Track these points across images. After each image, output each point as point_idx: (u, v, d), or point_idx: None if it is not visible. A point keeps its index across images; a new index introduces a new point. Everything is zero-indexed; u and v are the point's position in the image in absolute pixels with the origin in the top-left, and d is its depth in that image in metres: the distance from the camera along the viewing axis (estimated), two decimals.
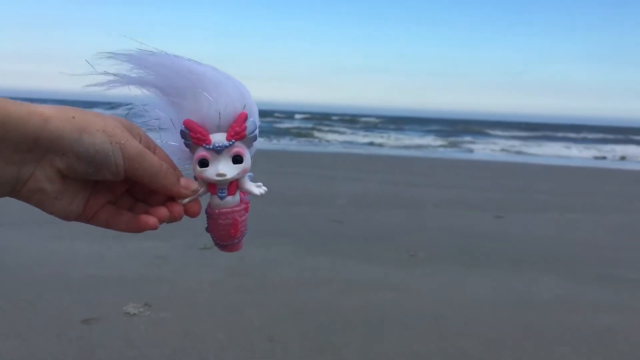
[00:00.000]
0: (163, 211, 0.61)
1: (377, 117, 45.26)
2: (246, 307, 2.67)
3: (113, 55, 0.60)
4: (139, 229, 0.60)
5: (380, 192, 6.55)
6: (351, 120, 36.03)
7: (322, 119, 35.61)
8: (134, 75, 0.62)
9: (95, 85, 0.62)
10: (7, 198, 0.55)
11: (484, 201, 6.22)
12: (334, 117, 38.41)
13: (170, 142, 0.64)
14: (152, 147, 0.59)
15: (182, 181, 0.61)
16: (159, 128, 0.65)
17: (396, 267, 3.46)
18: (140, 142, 0.58)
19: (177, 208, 0.62)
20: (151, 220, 0.60)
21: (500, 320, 2.70)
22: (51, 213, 0.56)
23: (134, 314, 2.50)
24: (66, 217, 0.58)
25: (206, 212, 0.65)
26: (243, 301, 2.76)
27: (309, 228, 4.39)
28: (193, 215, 0.64)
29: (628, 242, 4.53)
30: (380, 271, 3.37)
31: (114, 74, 0.62)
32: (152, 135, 0.63)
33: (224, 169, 0.61)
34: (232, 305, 2.69)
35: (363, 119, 36.32)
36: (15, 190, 0.53)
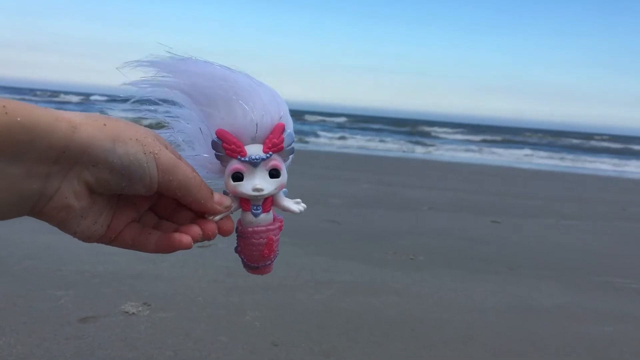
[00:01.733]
0: (196, 229, 0.56)
1: (351, 116, 45.27)
2: (247, 308, 2.62)
3: (140, 64, 0.55)
4: (171, 248, 0.55)
5: (374, 193, 6.51)
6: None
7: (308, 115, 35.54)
8: (163, 81, 0.56)
9: (125, 97, 0.56)
10: None
11: (479, 205, 6.21)
12: (324, 115, 38.38)
13: (197, 154, 0.59)
14: (178, 158, 0.54)
15: (216, 196, 0.56)
16: (185, 140, 0.60)
17: (395, 270, 3.42)
18: None
19: (211, 226, 0.57)
20: (185, 238, 0.54)
21: (503, 326, 2.67)
22: (74, 233, 0.50)
23: (133, 313, 2.44)
24: (89, 238, 0.52)
25: (237, 230, 0.59)
26: (243, 302, 2.70)
27: (304, 228, 4.34)
28: (226, 233, 0.58)
29: (626, 250, 4.53)
30: (380, 273, 3.33)
31: (140, 81, 0.56)
32: (175, 147, 0.57)
33: (261, 183, 0.56)
34: (232, 306, 2.64)
35: (337, 119, 36.24)
36: (37, 207, 0.47)
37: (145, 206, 0.57)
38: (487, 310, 2.86)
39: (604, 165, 16.81)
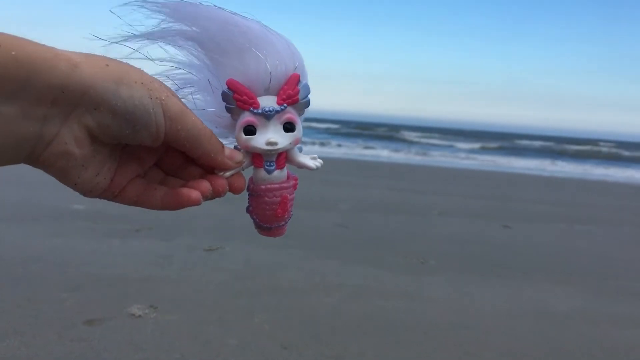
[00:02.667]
0: (205, 185, 0.51)
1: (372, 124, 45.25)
2: (256, 311, 2.56)
3: (144, 4, 0.50)
4: (178, 204, 0.49)
5: (384, 198, 6.45)
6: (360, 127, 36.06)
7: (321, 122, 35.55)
8: (168, 28, 0.51)
9: (121, 40, 0.50)
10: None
11: (489, 210, 6.13)
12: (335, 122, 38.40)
13: (205, 107, 0.54)
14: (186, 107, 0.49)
15: (227, 150, 0.51)
16: (193, 92, 0.55)
17: (407, 274, 3.36)
18: None
19: (221, 181, 0.51)
20: (194, 194, 0.49)
21: (520, 331, 2.59)
22: (74, 185, 0.45)
23: (139, 316, 2.39)
24: (91, 192, 0.46)
25: (248, 189, 0.54)
26: (252, 305, 2.65)
27: (314, 231, 4.28)
28: (237, 190, 0.53)
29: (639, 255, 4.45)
30: (391, 277, 3.27)
31: (147, 31, 0.51)
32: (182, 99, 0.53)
33: (275, 137, 0.52)
34: (241, 309, 2.58)
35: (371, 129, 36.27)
36: (35, 153, 0.42)
37: (150, 160, 0.52)
38: (502, 314, 2.79)
39: (611, 171, 16.66)
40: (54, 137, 0.42)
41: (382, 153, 17.71)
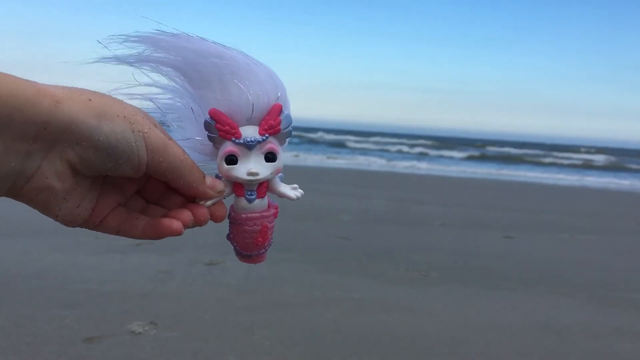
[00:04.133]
0: (186, 214, 0.51)
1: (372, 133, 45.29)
2: (256, 327, 2.55)
3: (127, 38, 0.50)
4: (159, 234, 0.50)
5: (385, 208, 6.44)
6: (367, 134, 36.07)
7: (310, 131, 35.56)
8: (151, 55, 0.51)
9: (108, 60, 0.51)
10: (3, 205, 0.44)
11: (491, 220, 6.12)
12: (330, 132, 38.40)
13: (188, 136, 0.54)
14: (168, 139, 0.49)
15: (208, 180, 0.51)
16: (176, 121, 0.55)
17: (409, 287, 3.34)
18: None
19: (202, 211, 0.52)
20: (175, 224, 0.50)
21: (522, 344, 2.57)
22: (55, 217, 0.45)
23: (139, 333, 2.38)
24: (72, 222, 0.47)
25: (229, 216, 0.55)
26: (252, 320, 2.63)
27: (315, 244, 4.27)
28: (219, 219, 0.53)
29: None
30: (392, 291, 3.25)
31: (129, 55, 0.51)
32: (165, 128, 0.52)
33: (256, 167, 0.52)
34: (241, 325, 2.57)
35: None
36: (16, 187, 0.42)
37: (132, 189, 0.52)
38: (505, 328, 2.77)
39: (613, 180, 16.62)
40: (35, 171, 0.42)
41: (382, 163, 17.70)
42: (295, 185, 0.58)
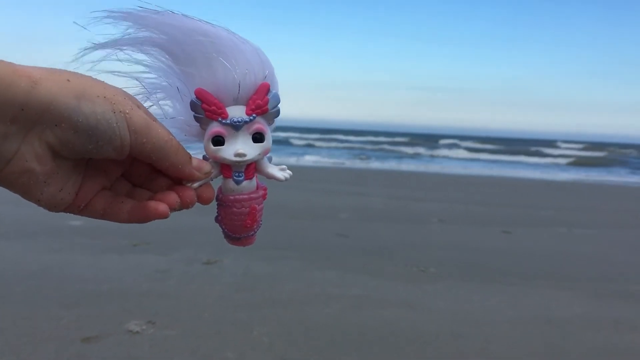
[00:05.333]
0: (173, 197, 0.50)
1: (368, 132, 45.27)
2: (255, 324, 2.54)
3: (109, 15, 0.49)
4: (145, 217, 0.48)
5: (383, 206, 6.43)
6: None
7: (318, 133, 35.54)
8: (135, 34, 0.50)
9: (87, 49, 0.49)
10: None
11: (489, 216, 6.12)
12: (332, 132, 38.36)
13: (173, 116, 0.53)
14: (152, 119, 0.48)
15: (194, 161, 0.50)
16: (161, 101, 0.54)
17: (407, 283, 3.33)
18: None
19: (189, 193, 0.50)
20: (161, 207, 0.48)
21: (521, 338, 2.57)
22: (37, 201, 0.44)
23: (137, 332, 2.36)
24: (55, 207, 0.45)
25: (217, 198, 0.54)
26: (251, 318, 2.62)
27: (314, 241, 4.26)
28: (206, 201, 0.52)
29: None
30: (391, 287, 3.24)
31: (112, 40, 0.50)
32: (150, 109, 0.52)
33: (244, 148, 0.51)
34: (239, 322, 2.56)
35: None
36: None
37: (117, 172, 0.51)
38: (504, 322, 2.77)
39: (612, 175, 16.65)
40: (14, 154, 0.41)
41: (380, 160, 17.71)
42: (284, 166, 0.56)
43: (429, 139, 36.15)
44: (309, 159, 16.38)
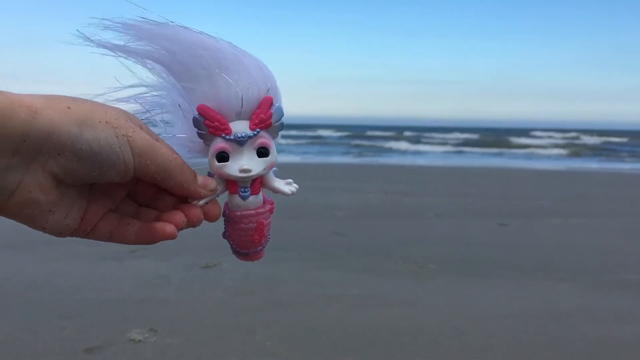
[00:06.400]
0: (179, 216, 0.49)
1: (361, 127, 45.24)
2: (257, 328, 2.54)
3: (110, 25, 0.48)
4: (153, 239, 0.48)
5: (378, 202, 6.44)
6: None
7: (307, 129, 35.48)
8: (135, 48, 0.49)
9: (95, 48, 0.49)
10: None
11: (484, 209, 6.13)
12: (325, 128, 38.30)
13: (177, 133, 0.52)
14: (155, 139, 0.47)
15: (199, 179, 0.49)
16: (163, 118, 0.53)
17: (407, 280, 3.34)
18: None
19: (195, 211, 0.50)
20: (168, 228, 0.48)
21: (523, 332, 2.58)
22: (43, 229, 0.44)
23: (139, 341, 2.36)
24: (61, 233, 0.45)
25: (224, 214, 0.53)
26: (253, 321, 2.62)
27: (312, 241, 4.26)
28: (213, 218, 0.52)
29: (638, 247, 4.44)
30: (391, 284, 3.25)
31: (110, 45, 0.49)
32: (153, 127, 0.51)
33: (249, 163, 0.51)
34: (242, 326, 2.56)
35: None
36: None
37: (122, 194, 0.51)
38: (505, 316, 2.78)
39: (605, 162, 16.75)
40: (17, 186, 0.41)
41: (374, 156, 17.72)
42: (290, 180, 0.56)
43: (420, 132, 36.17)
44: (303, 156, 16.37)
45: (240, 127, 0.50)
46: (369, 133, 32.38)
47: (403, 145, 23.58)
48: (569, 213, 5.90)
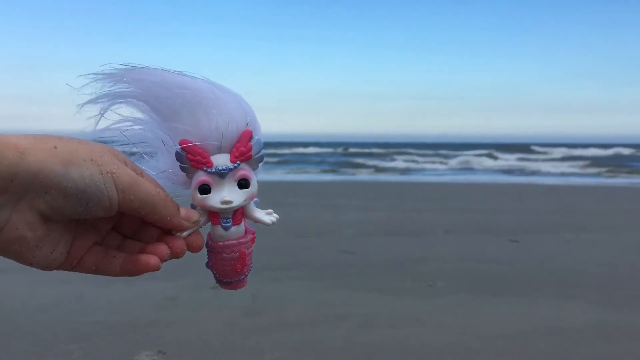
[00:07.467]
0: (163, 248, 0.51)
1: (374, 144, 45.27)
2: (266, 349, 2.53)
3: (95, 78, 0.51)
4: (137, 271, 0.50)
5: (387, 220, 6.43)
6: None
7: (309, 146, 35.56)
8: (118, 91, 0.52)
9: (81, 105, 0.52)
10: None
11: (495, 225, 6.10)
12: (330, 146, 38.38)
13: (159, 167, 0.55)
14: (139, 173, 0.49)
15: (182, 211, 0.51)
16: (147, 152, 0.56)
17: (416, 298, 3.32)
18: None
19: (179, 243, 0.52)
20: (152, 260, 0.50)
21: (535, 350, 2.55)
22: (30, 264, 0.45)
23: None
24: (47, 267, 0.47)
25: (207, 245, 0.55)
26: (261, 342, 2.61)
27: (319, 260, 4.25)
28: (196, 250, 0.54)
29: None
30: (400, 303, 3.23)
31: (100, 95, 0.52)
32: (137, 161, 0.54)
33: (230, 195, 0.52)
34: (250, 348, 2.55)
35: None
36: None
37: (107, 227, 0.52)
38: (516, 334, 2.75)
39: (617, 176, 16.62)
40: (5, 224, 0.42)
41: (382, 173, 17.71)
42: (270, 210, 0.57)
43: (426, 148, 36.11)
44: (308, 173, 16.39)
45: (221, 160, 0.52)
46: (374, 150, 32.33)
47: (408, 161, 23.55)
48: (581, 228, 5.85)
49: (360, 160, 24.21)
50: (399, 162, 23.01)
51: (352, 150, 33.15)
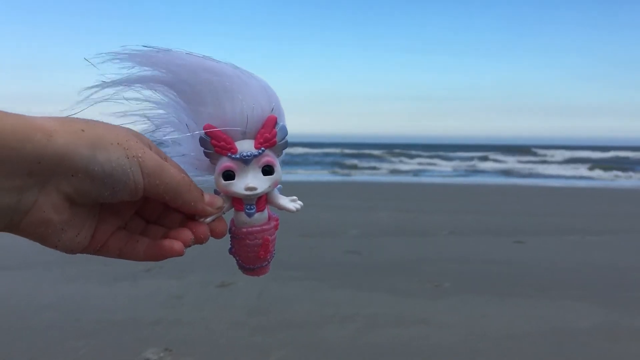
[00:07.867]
0: (187, 234, 0.51)
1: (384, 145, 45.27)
2: (271, 349, 2.53)
3: (115, 56, 0.50)
4: (161, 256, 0.50)
5: (391, 220, 6.42)
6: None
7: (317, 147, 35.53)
8: (141, 74, 0.52)
9: (95, 88, 0.51)
10: (10, 238, 0.44)
11: (500, 226, 6.09)
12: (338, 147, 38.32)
13: (182, 152, 0.54)
14: (163, 158, 0.49)
15: (206, 197, 0.51)
16: (172, 138, 0.55)
17: (422, 299, 3.31)
18: None
19: (202, 229, 0.52)
20: (176, 245, 0.50)
21: (540, 352, 2.55)
22: (55, 247, 0.46)
23: None
24: (72, 250, 0.47)
25: (230, 231, 0.55)
26: (267, 342, 2.61)
27: (325, 260, 4.25)
28: (219, 235, 0.53)
29: None
30: (406, 304, 3.23)
31: (121, 78, 0.51)
32: (161, 145, 0.54)
33: (254, 181, 0.52)
34: (256, 347, 2.55)
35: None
36: (13, 223, 0.42)
37: (130, 212, 0.52)
38: (522, 336, 2.74)
39: (623, 178, 16.57)
40: (32, 206, 0.42)
41: (386, 173, 17.70)
42: (294, 197, 0.58)
43: (428, 149, 36.05)
44: (311, 174, 16.38)
45: (245, 146, 0.52)
46: (374, 152, 32.27)
47: (414, 162, 23.53)
48: (586, 230, 5.83)
49: (360, 161, 24.19)
50: (402, 164, 22.99)
51: (352, 150, 33.10)
